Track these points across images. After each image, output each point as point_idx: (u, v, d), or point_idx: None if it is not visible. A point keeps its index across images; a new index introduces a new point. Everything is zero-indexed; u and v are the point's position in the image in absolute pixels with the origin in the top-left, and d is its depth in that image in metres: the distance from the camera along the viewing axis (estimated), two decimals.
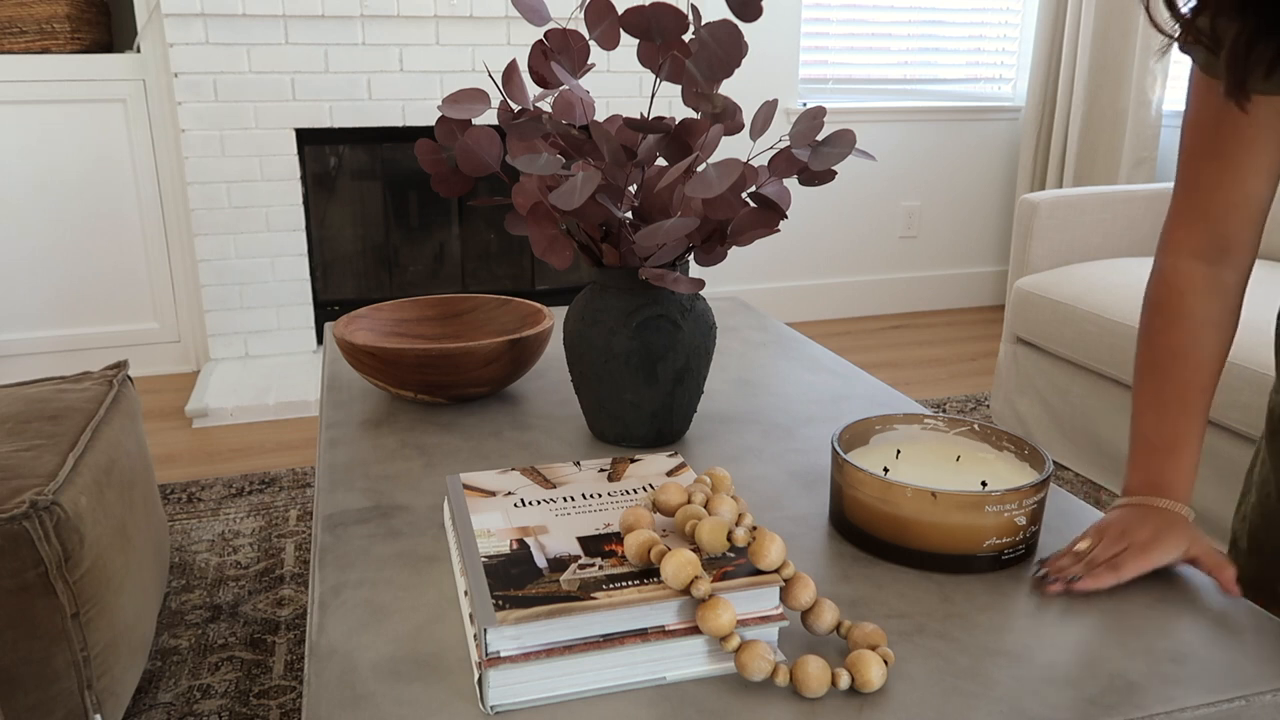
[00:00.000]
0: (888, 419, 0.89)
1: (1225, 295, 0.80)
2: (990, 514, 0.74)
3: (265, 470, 2.31)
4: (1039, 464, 0.81)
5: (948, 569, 0.76)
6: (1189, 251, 0.80)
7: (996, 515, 0.74)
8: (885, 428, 0.89)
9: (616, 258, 0.95)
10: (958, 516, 0.74)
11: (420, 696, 0.62)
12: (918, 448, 0.88)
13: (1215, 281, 0.79)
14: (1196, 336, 0.79)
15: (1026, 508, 0.75)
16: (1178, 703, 0.62)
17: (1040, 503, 0.77)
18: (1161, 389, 0.80)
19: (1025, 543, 0.77)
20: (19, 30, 2.62)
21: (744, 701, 0.62)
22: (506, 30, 2.86)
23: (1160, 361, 0.80)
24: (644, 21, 0.87)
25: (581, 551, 0.68)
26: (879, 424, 0.89)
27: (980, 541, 0.75)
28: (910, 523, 0.76)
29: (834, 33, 3.45)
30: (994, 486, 0.79)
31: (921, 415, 0.89)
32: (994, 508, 0.74)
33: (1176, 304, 0.80)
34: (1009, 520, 0.75)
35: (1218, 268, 0.80)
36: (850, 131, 0.86)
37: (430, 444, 1.02)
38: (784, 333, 1.43)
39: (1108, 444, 2.15)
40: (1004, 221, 3.83)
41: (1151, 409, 0.80)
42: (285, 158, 2.80)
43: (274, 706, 1.46)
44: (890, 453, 0.87)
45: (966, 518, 0.74)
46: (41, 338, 2.85)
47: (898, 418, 0.89)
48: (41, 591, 1.14)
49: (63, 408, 1.43)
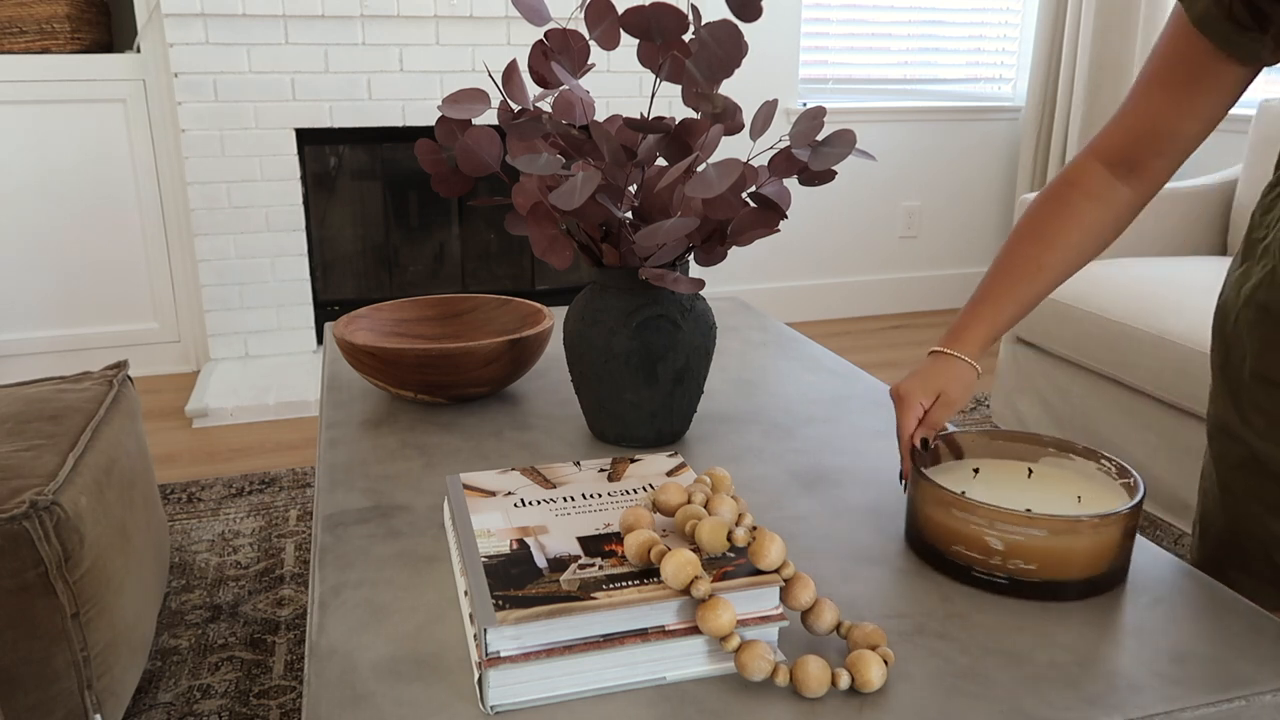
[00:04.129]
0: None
1: (1111, 205, 0.84)
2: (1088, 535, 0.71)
3: (265, 470, 2.31)
4: (1124, 479, 0.78)
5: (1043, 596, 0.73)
6: (1098, 154, 0.85)
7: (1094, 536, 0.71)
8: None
9: (616, 258, 0.95)
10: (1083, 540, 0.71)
11: (420, 696, 0.62)
12: (989, 464, 0.86)
13: (1108, 188, 0.84)
14: (1063, 225, 0.85)
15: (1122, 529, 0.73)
16: (1178, 703, 0.62)
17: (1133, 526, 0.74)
18: (1010, 254, 0.86)
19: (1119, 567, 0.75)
20: (19, 30, 2.62)
21: (744, 701, 0.62)
22: (506, 30, 2.86)
23: (1022, 234, 0.87)
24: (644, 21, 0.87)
25: (581, 551, 0.68)
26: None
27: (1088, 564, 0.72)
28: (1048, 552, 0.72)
29: (834, 33, 3.45)
30: (1087, 503, 0.78)
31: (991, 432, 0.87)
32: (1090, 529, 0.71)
33: (1064, 192, 0.86)
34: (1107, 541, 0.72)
35: (1118, 180, 0.85)
36: (850, 131, 0.86)
37: (430, 444, 1.02)
38: (784, 333, 1.43)
39: (1108, 444, 2.15)
40: (1004, 221, 3.83)
41: (992, 271, 0.87)
42: (285, 158, 2.80)
43: (274, 706, 1.46)
44: (966, 471, 0.85)
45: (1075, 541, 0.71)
46: (41, 338, 2.85)
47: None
48: (41, 591, 1.14)
49: (63, 408, 1.43)
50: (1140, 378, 2.01)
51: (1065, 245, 0.85)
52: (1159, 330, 1.97)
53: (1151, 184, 0.85)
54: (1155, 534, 1.99)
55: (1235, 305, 0.85)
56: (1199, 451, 1.93)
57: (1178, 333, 1.93)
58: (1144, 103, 0.82)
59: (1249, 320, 0.83)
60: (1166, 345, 1.94)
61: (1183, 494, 1.98)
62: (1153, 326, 1.98)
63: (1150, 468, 2.04)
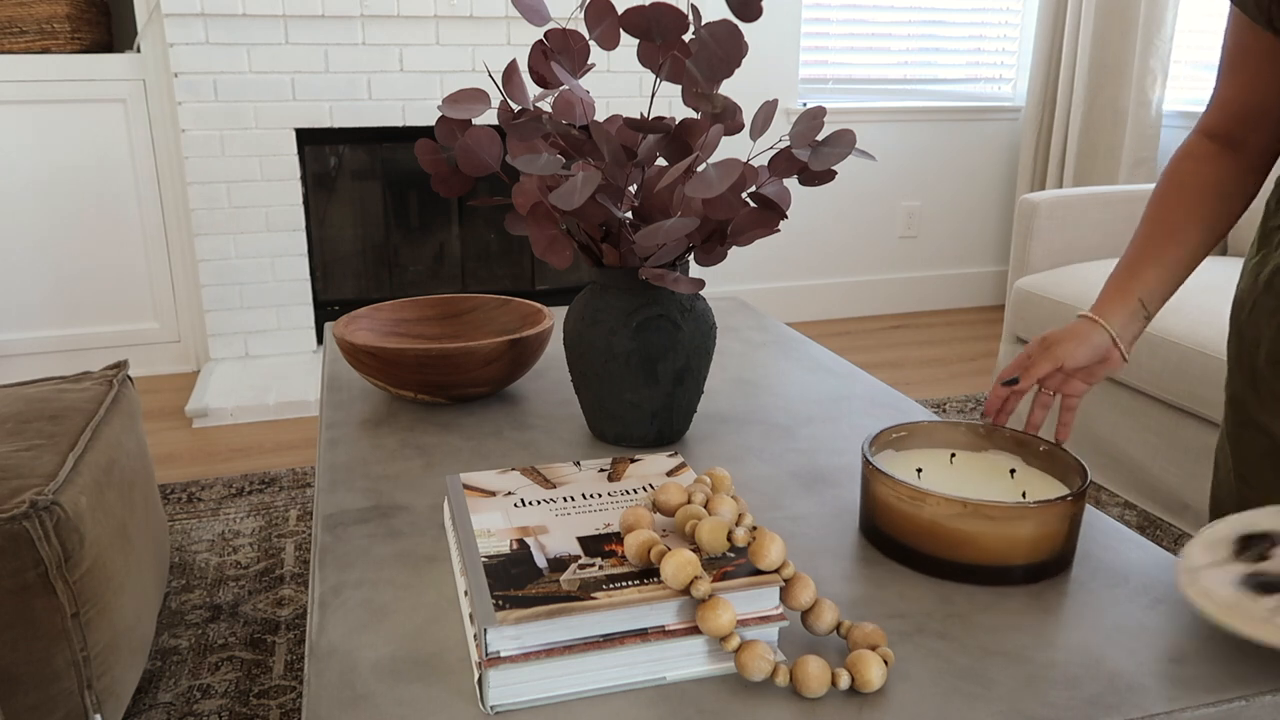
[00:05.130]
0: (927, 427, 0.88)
1: (1224, 170, 0.87)
2: (1028, 525, 0.73)
3: (265, 470, 2.31)
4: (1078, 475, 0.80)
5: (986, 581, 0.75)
6: (1204, 131, 0.88)
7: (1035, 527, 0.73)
8: (911, 434, 0.88)
9: (616, 258, 0.95)
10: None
11: (420, 696, 0.62)
12: (968, 456, 0.88)
13: (1218, 156, 0.87)
14: (1184, 190, 0.87)
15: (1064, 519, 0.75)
16: (1178, 703, 0.62)
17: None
18: (1142, 224, 0.89)
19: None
20: (19, 30, 2.62)
21: (744, 701, 0.62)
22: (506, 30, 2.86)
23: (1150, 203, 0.90)
24: (644, 21, 0.87)
25: (581, 551, 0.68)
26: (903, 431, 0.87)
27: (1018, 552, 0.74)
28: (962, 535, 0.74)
29: (834, 33, 3.45)
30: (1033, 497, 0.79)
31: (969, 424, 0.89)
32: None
33: (1178, 164, 0.89)
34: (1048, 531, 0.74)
35: (1229, 149, 0.87)
36: (850, 131, 0.86)
37: (430, 444, 1.02)
38: (784, 333, 1.43)
39: (1108, 444, 2.15)
40: (1004, 221, 3.83)
41: (1133, 244, 0.89)
42: (285, 158, 2.80)
43: (274, 706, 1.46)
44: (944, 458, 0.87)
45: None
46: (41, 338, 2.85)
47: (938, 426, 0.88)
48: (41, 591, 1.14)
49: (63, 408, 1.43)
50: (1140, 378, 2.01)
51: (1193, 207, 0.87)
52: (1159, 330, 1.96)
53: (1259, 157, 0.86)
54: (1155, 534, 1.99)
55: (1253, 292, 0.85)
56: (1199, 451, 1.93)
57: (1178, 333, 1.93)
58: (1226, 86, 0.85)
59: (1267, 307, 0.83)
60: (1167, 345, 1.94)
61: (1183, 494, 1.98)
62: (1153, 326, 1.98)
63: (1150, 468, 2.04)
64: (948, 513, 0.73)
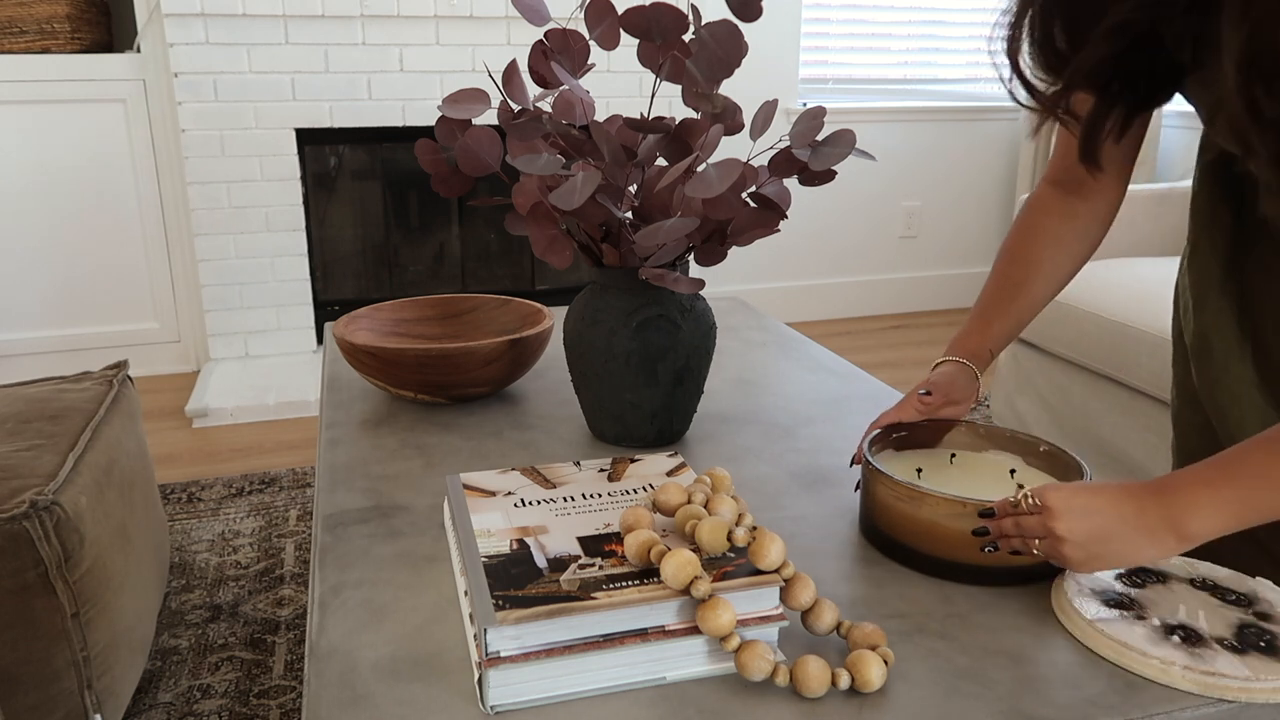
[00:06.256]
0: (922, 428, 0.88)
1: (1071, 220, 0.90)
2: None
3: (265, 470, 2.31)
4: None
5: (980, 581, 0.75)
6: (1049, 179, 0.93)
7: None
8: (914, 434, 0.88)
9: (616, 258, 0.95)
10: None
11: (420, 696, 0.62)
12: (970, 456, 0.88)
13: (1065, 205, 0.91)
14: (1032, 244, 0.91)
15: None
16: (1178, 703, 0.62)
17: None
18: (992, 277, 0.93)
19: None
20: (19, 30, 2.62)
21: (744, 701, 0.62)
22: (506, 30, 2.86)
23: (999, 257, 0.94)
24: (644, 21, 0.87)
25: (581, 551, 0.68)
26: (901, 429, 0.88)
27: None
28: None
29: (834, 33, 3.45)
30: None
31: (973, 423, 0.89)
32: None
33: (1026, 217, 0.93)
34: None
35: (1075, 196, 0.90)
36: (850, 131, 0.86)
37: (430, 444, 1.02)
38: (784, 333, 1.43)
39: (1108, 444, 2.15)
40: (1004, 221, 3.83)
41: (982, 297, 0.93)
42: (285, 158, 2.80)
43: (274, 706, 1.46)
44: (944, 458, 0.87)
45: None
46: (41, 338, 2.85)
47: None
48: (41, 591, 1.14)
49: (63, 408, 1.43)
50: (1140, 378, 2.01)
51: (1037, 261, 0.91)
52: (1159, 330, 1.96)
53: (1102, 199, 0.90)
54: None
55: (1181, 270, 0.91)
56: None
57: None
58: (1063, 134, 0.88)
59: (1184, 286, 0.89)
60: (1166, 345, 1.94)
61: None
62: (1152, 326, 1.98)
63: (1150, 468, 2.05)
64: (948, 513, 0.73)
